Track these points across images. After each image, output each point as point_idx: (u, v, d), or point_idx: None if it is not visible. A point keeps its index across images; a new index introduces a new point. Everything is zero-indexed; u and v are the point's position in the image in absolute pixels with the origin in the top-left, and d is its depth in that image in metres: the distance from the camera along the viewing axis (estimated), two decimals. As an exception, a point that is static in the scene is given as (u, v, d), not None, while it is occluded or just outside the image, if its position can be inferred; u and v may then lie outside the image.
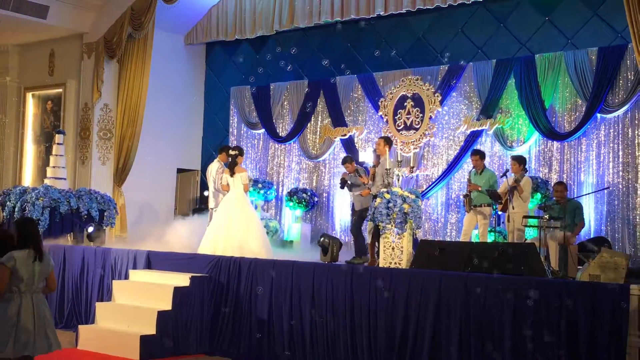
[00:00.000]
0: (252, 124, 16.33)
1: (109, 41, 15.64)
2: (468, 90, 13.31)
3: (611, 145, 11.74)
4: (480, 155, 11.33)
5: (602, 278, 7.45)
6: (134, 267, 10.62)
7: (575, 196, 11.47)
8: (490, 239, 11.11)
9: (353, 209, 11.05)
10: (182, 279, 9.73)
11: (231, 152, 11.14)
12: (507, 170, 10.74)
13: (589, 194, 11.61)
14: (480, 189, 10.87)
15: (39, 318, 6.10)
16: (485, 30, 13.22)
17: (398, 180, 9.76)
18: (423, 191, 13.25)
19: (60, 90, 16.54)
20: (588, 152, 11.96)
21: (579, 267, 8.85)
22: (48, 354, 6.32)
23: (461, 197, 12.14)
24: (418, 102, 13.72)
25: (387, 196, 8.83)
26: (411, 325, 7.93)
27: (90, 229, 12.43)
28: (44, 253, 6.20)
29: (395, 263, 8.68)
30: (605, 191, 11.55)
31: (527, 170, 10.97)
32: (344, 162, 11.39)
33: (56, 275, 11.45)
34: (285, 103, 15.85)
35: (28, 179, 16.97)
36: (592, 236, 11.39)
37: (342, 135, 14.79)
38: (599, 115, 11.81)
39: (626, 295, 6.80)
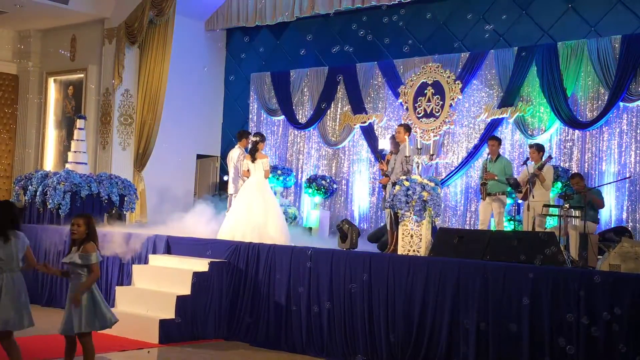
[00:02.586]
0: (271, 111, 16.34)
1: (130, 27, 15.67)
2: (489, 78, 13.22)
3: (633, 134, 11.64)
4: (498, 141, 11.29)
5: (622, 268, 7.41)
6: (154, 252, 10.68)
7: (597, 185, 11.38)
8: (509, 227, 11.06)
9: None
10: (201, 264, 9.77)
11: (252, 139, 11.15)
12: (527, 159, 10.67)
13: (610, 183, 11.51)
14: (496, 177, 10.82)
15: (18, 296, 6.41)
16: (507, 17, 13.09)
17: (418, 167, 9.73)
18: (442, 179, 13.21)
19: (82, 75, 16.62)
20: (610, 141, 11.86)
21: (599, 256, 8.80)
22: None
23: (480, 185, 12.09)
24: (438, 89, 13.65)
25: (407, 184, 8.81)
26: (429, 312, 7.93)
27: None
28: (15, 234, 6.44)
29: (414, 251, 8.67)
30: (627, 180, 11.46)
31: (551, 157, 10.88)
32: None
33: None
34: (305, 90, 15.84)
35: (49, 163, 17.10)
36: (612, 226, 11.31)
37: (361, 123, 14.76)
38: (621, 104, 11.70)
39: (646, 286, 6.75)
